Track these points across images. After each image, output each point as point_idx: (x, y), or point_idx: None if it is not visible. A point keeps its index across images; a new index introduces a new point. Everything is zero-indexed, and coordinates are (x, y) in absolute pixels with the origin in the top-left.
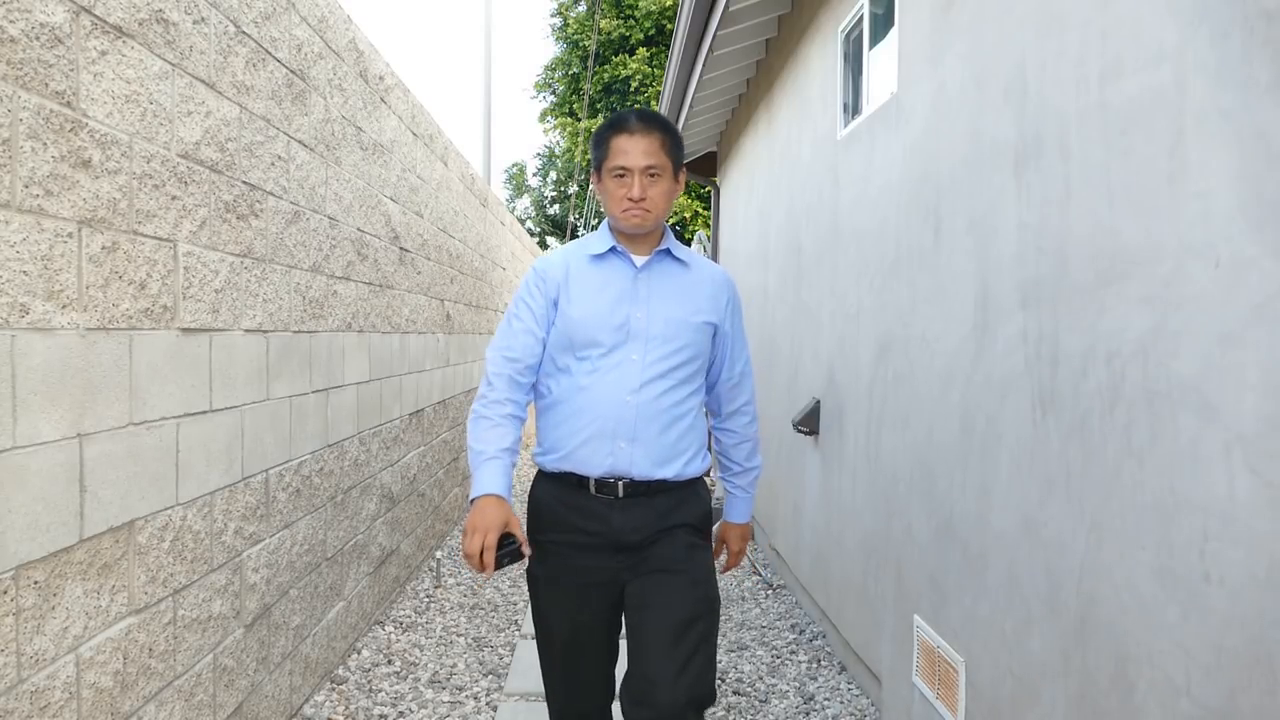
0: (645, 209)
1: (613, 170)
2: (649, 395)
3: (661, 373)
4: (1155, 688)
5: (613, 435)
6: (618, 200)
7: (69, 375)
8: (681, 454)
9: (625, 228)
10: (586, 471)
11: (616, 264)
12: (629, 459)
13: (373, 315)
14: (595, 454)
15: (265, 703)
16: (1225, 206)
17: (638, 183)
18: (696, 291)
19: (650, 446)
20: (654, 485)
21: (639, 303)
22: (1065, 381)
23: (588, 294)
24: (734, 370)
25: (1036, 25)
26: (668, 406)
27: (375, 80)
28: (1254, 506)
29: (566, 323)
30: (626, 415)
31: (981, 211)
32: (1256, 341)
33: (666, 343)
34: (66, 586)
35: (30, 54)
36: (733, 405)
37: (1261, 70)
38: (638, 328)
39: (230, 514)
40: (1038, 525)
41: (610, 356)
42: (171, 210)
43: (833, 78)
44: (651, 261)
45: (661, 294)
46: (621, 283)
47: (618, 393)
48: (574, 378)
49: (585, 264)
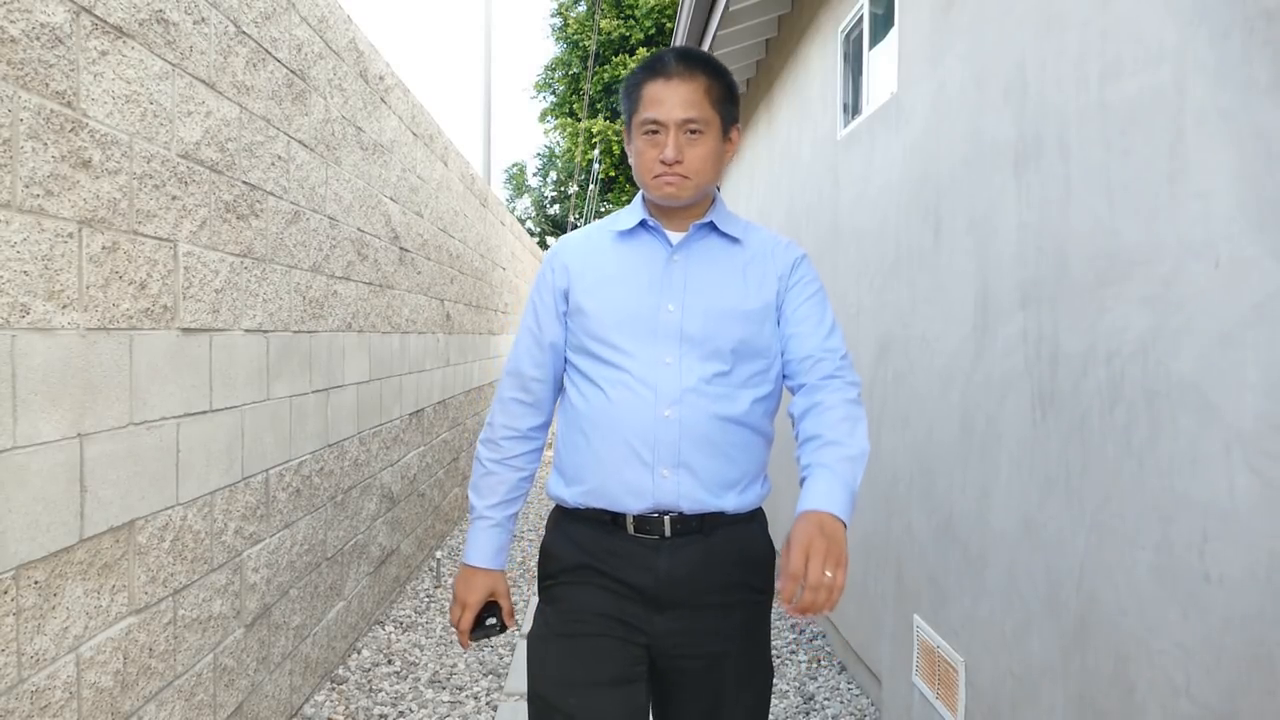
0: (682, 175)
1: (643, 125)
2: (694, 408)
3: (707, 378)
4: (1155, 688)
5: (652, 461)
6: (648, 164)
7: (69, 375)
8: (743, 477)
9: (657, 198)
10: (623, 507)
11: (647, 242)
12: (675, 489)
13: (373, 315)
14: (632, 485)
15: (265, 702)
16: (1225, 206)
17: (673, 141)
18: (750, 269)
19: (702, 471)
20: (709, 519)
21: (671, 292)
22: (1065, 381)
23: (608, 281)
24: (805, 342)
25: (1036, 25)
26: (721, 420)
27: (375, 80)
28: (1254, 506)
29: (581, 319)
30: (667, 435)
31: (981, 211)
32: (1256, 341)
33: (708, 342)
34: (67, 586)
35: (31, 54)
36: (821, 371)
37: (1261, 70)
38: (669, 324)
39: (230, 514)
40: (1038, 525)
41: (639, 361)
42: (172, 210)
43: (833, 78)
44: (690, 239)
45: (702, 280)
46: (652, 266)
47: (653, 406)
48: (599, 388)
49: (609, 243)
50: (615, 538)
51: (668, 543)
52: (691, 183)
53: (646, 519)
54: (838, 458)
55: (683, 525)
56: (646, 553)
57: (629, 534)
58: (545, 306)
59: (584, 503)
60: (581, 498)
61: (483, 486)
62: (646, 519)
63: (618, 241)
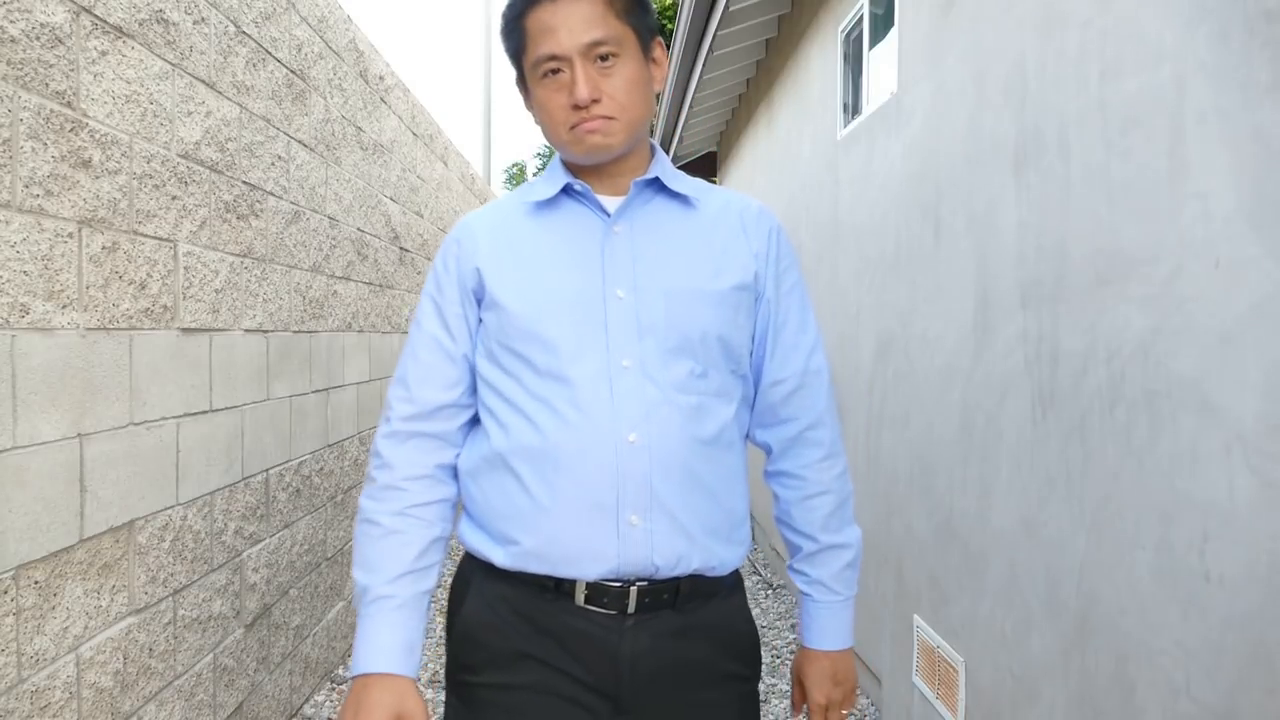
0: (605, 115)
1: (539, 67)
2: (667, 427)
3: (679, 383)
4: (1155, 688)
5: (615, 505)
6: (558, 114)
7: (69, 375)
8: (728, 519)
9: (581, 155)
10: (574, 572)
11: (575, 212)
12: (647, 543)
13: (373, 315)
14: (591, 541)
15: (265, 702)
16: (1225, 206)
17: (581, 75)
18: (712, 238)
19: (683, 513)
20: (689, 585)
21: (618, 272)
22: (1065, 381)
23: (529, 266)
24: (788, 361)
25: (1036, 25)
26: (702, 442)
27: (375, 80)
28: (1254, 506)
29: (499, 316)
30: (634, 467)
31: (981, 211)
32: (1256, 341)
33: (673, 333)
34: (67, 586)
35: (30, 54)
36: (791, 425)
37: (1261, 70)
38: (621, 315)
39: (230, 514)
40: (1038, 525)
41: (587, 366)
42: (171, 210)
43: (833, 78)
44: (632, 202)
45: (655, 254)
46: (585, 242)
47: (612, 428)
48: (533, 408)
49: (523, 219)
50: (560, 612)
51: (632, 621)
52: (620, 123)
53: (604, 587)
54: (838, 570)
55: (654, 596)
56: (604, 634)
57: (578, 606)
58: (452, 308)
59: (521, 566)
60: (516, 560)
61: (378, 555)
62: (604, 587)
63: (535, 215)
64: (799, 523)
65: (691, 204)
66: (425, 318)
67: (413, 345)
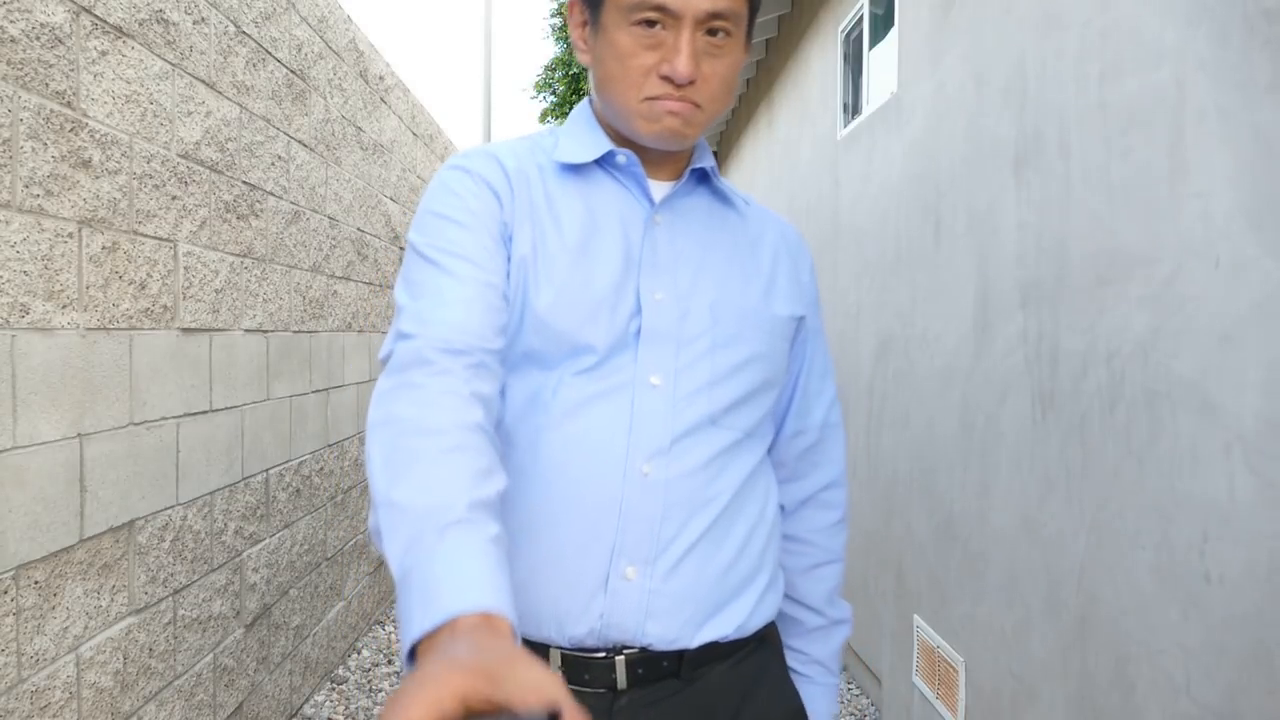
0: (694, 102)
1: (637, 10)
2: (692, 464)
3: (714, 414)
4: (1155, 688)
5: (610, 550)
6: (637, 76)
7: (69, 375)
8: (753, 580)
9: (644, 134)
10: (546, 633)
11: (610, 190)
12: (640, 606)
13: (373, 315)
14: (568, 592)
15: (265, 703)
16: (1225, 206)
17: (688, 45)
18: (759, 253)
19: (688, 576)
20: (695, 658)
21: (658, 271)
22: (1065, 381)
23: (561, 245)
24: (809, 411)
25: (1036, 25)
26: (726, 489)
27: (375, 80)
28: (1254, 506)
29: (522, 302)
30: (644, 507)
31: (981, 211)
32: (1256, 341)
33: (718, 352)
34: (67, 586)
35: (30, 54)
36: (805, 484)
37: (1261, 70)
38: (657, 323)
39: (230, 514)
40: (1038, 525)
41: (608, 378)
42: (171, 210)
43: (833, 78)
44: (679, 193)
45: (698, 256)
46: (626, 228)
47: (623, 456)
48: (530, 421)
49: (551, 181)
50: None
51: (625, 700)
52: (704, 114)
53: (586, 659)
54: (838, 647)
55: (647, 668)
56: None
57: None
58: (486, 231)
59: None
60: None
61: (450, 471)
62: (586, 659)
63: (564, 180)
64: (804, 594)
65: (735, 207)
66: (448, 245)
67: (437, 282)
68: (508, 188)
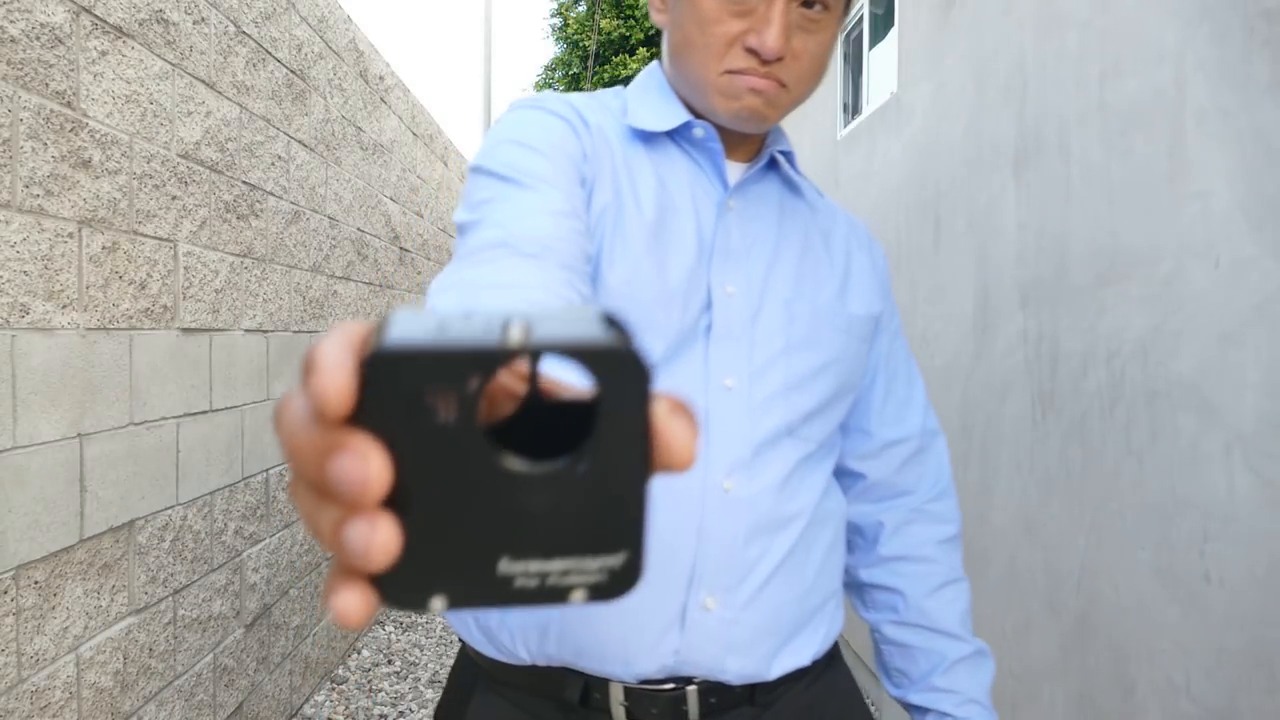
0: (781, 81)
1: None
2: (773, 477)
3: (791, 423)
4: (1155, 688)
5: (688, 579)
6: (717, 45)
7: (69, 375)
8: (827, 603)
9: (723, 113)
10: (609, 669)
11: (682, 165)
12: (720, 638)
13: (373, 315)
14: (642, 628)
15: (265, 702)
16: (1225, 206)
17: (780, 18)
18: (832, 245)
19: (772, 602)
20: (771, 690)
21: (731, 262)
22: (1065, 381)
23: (640, 219)
24: (905, 418)
25: (1036, 25)
26: (806, 505)
27: (375, 80)
28: (1254, 506)
29: (594, 270)
30: (726, 528)
31: (981, 211)
32: (1256, 341)
33: (794, 353)
34: (67, 586)
35: (30, 54)
36: (911, 497)
37: (1261, 70)
38: (730, 319)
39: (230, 514)
40: (1038, 525)
41: (669, 377)
42: (171, 210)
43: (832, 77)
44: (753, 179)
45: (770, 246)
46: (699, 209)
47: (702, 471)
48: None
49: (629, 147)
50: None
51: None
52: (790, 96)
53: (650, 695)
54: (989, 682)
55: (721, 697)
56: None
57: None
58: (572, 166)
59: (533, 650)
60: (533, 643)
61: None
62: (650, 695)
63: (637, 148)
64: (936, 619)
65: (806, 198)
66: (518, 159)
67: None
68: (590, 139)
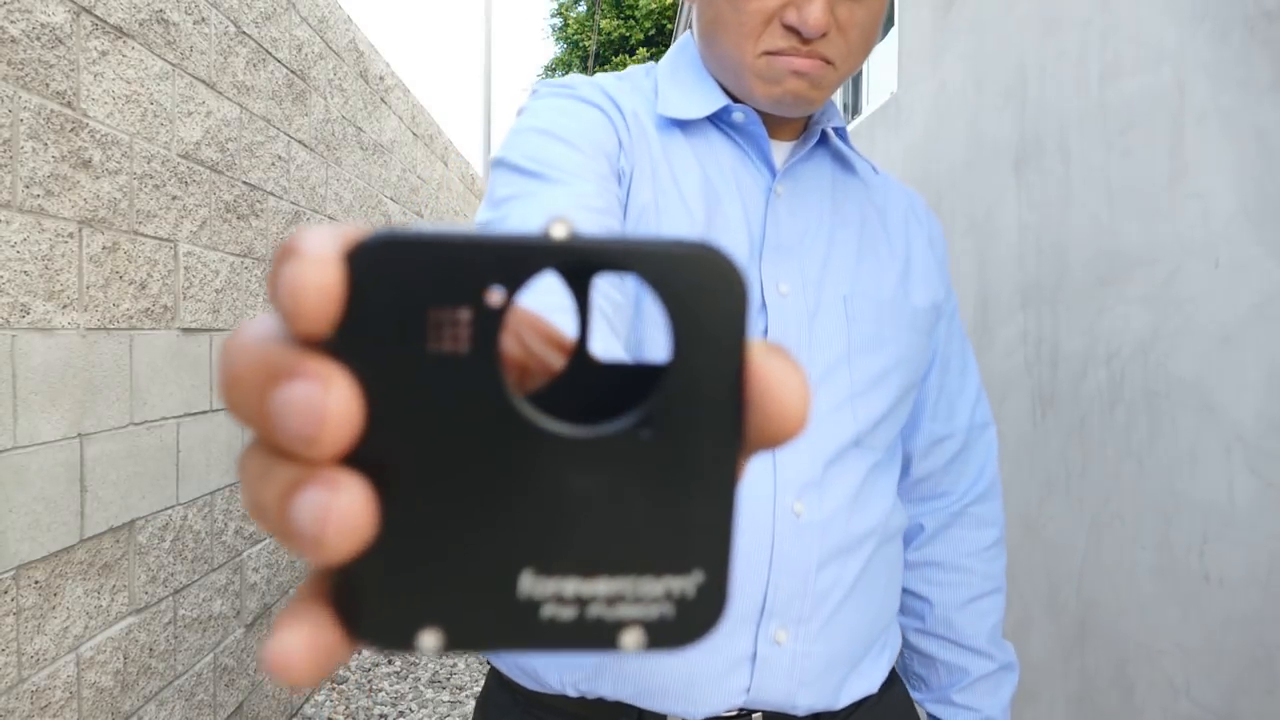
0: (826, 59)
1: None
2: (843, 496)
3: (857, 435)
4: (1155, 688)
5: (759, 611)
6: (753, 24)
7: (69, 375)
8: (891, 626)
9: (763, 98)
10: (671, 707)
11: (725, 152)
12: (792, 673)
13: None
14: (709, 664)
15: (265, 702)
16: (1225, 207)
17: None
18: (891, 228)
19: (844, 631)
20: (834, 718)
21: (782, 256)
22: (1065, 382)
23: (688, 215)
24: (953, 413)
25: (1036, 26)
26: (876, 522)
27: (375, 80)
28: (1254, 507)
29: None
30: (798, 555)
31: (981, 212)
32: (1256, 341)
33: (857, 356)
34: (67, 586)
35: (31, 54)
36: (951, 498)
37: (1262, 70)
38: (787, 321)
39: (231, 513)
40: (1038, 525)
41: None
42: (172, 210)
43: None
44: (802, 160)
45: (824, 236)
46: (745, 198)
47: (770, 494)
48: None
49: (665, 137)
50: None
51: None
52: (837, 74)
53: None
54: (1010, 698)
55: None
56: None
57: None
58: (604, 159)
59: (582, 690)
60: (582, 682)
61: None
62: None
63: (673, 136)
64: (964, 634)
65: (859, 174)
66: (542, 151)
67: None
68: (626, 129)
